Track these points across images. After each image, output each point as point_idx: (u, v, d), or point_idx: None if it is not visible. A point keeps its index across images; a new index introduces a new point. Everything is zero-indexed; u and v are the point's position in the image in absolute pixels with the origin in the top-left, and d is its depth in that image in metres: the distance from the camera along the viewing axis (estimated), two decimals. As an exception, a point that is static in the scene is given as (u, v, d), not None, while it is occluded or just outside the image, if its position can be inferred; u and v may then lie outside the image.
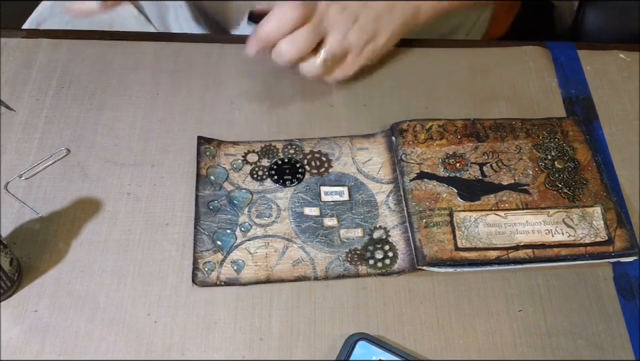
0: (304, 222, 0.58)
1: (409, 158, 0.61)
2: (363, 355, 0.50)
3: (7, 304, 0.52)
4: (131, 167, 0.61)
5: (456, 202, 0.58)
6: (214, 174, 0.60)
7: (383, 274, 0.55)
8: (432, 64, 0.70)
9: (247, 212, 0.58)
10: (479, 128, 0.63)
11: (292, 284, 0.54)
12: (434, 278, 0.55)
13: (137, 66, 0.68)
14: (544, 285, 0.55)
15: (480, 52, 0.71)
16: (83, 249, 0.55)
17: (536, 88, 0.68)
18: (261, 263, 0.55)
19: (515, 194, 0.59)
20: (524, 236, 0.56)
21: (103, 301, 0.53)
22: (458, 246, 0.55)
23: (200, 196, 0.58)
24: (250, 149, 0.62)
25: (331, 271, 0.55)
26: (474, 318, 0.53)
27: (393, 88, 0.68)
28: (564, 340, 0.52)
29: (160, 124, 0.64)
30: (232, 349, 0.51)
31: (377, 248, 0.56)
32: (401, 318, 0.53)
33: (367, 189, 0.60)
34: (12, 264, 0.52)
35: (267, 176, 0.60)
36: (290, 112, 0.65)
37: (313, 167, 0.61)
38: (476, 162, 0.61)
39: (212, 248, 0.56)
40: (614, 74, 0.70)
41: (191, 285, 0.54)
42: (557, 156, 0.61)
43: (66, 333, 0.51)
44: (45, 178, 0.59)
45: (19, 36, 0.70)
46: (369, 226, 0.58)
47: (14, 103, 0.64)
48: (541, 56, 0.71)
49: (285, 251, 0.56)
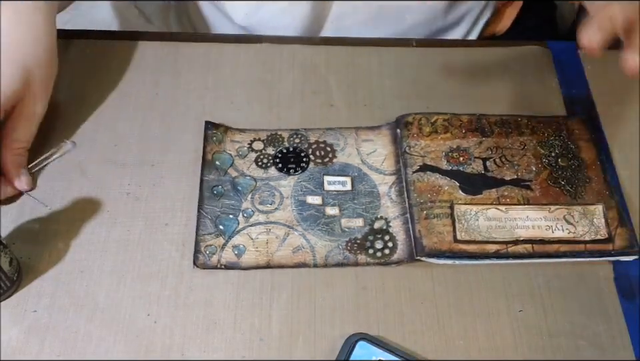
0: (306, 210, 0.58)
1: (412, 151, 0.61)
2: (363, 355, 0.49)
3: (7, 304, 0.52)
4: (131, 167, 0.61)
5: (457, 195, 0.58)
6: (219, 159, 0.61)
7: (381, 264, 0.55)
8: (432, 64, 0.70)
9: (250, 198, 0.59)
10: (484, 123, 0.63)
11: (293, 283, 0.54)
12: (434, 278, 0.55)
13: (137, 66, 0.68)
14: (544, 285, 0.55)
15: (480, 52, 0.71)
16: (82, 249, 0.55)
17: (536, 88, 0.68)
18: (261, 249, 0.56)
19: (517, 190, 0.59)
20: (524, 231, 0.56)
21: (102, 301, 0.53)
22: (457, 238, 0.56)
23: (205, 180, 0.59)
24: (256, 137, 0.63)
25: (330, 259, 0.55)
26: (474, 318, 0.53)
27: (393, 88, 0.68)
28: (564, 340, 0.52)
29: (160, 124, 0.64)
30: (232, 349, 0.51)
31: (377, 238, 0.57)
32: (401, 318, 0.53)
33: (370, 180, 0.60)
34: (12, 264, 0.52)
35: (271, 164, 0.61)
36: (290, 112, 0.65)
37: (318, 157, 0.62)
38: (479, 157, 0.61)
39: (214, 232, 0.56)
40: (614, 74, 0.69)
41: (191, 285, 0.54)
42: (561, 154, 0.61)
43: (65, 333, 0.51)
44: (45, 178, 0.59)
45: (18, 37, 0.70)
46: (370, 216, 0.58)
47: (14, 103, 0.64)
48: (541, 56, 0.71)
49: (285, 238, 0.56)
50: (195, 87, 0.67)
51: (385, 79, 0.68)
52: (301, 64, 0.69)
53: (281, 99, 0.66)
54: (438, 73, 0.69)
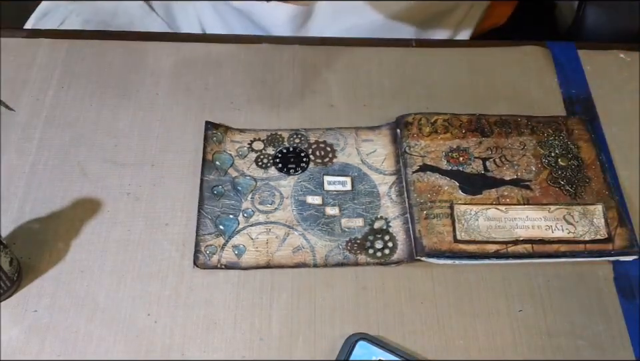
0: (306, 210, 0.58)
1: (412, 151, 0.61)
2: (363, 355, 0.50)
3: (7, 304, 0.52)
4: (131, 167, 0.61)
5: (457, 195, 0.58)
6: (219, 159, 0.61)
7: (381, 264, 0.55)
8: (432, 64, 0.70)
9: (250, 198, 0.59)
10: (484, 123, 0.63)
11: (293, 283, 0.54)
12: (434, 278, 0.55)
13: (137, 66, 0.68)
14: (544, 285, 0.55)
15: (480, 52, 0.71)
16: (82, 249, 0.55)
17: (536, 88, 0.68)
18: (261, 249, 0.56)
19: (517, 190, 0.59)
20: (524, 231, 0.56)
21: (102, 301, 0.53)
22: (457, 238, 0.56)
23: (205, 180, 0.59)
24: (256, 137, 0.63)
25: (330, 259, 0.55)
26: (474, 318, 0.53)
27: (393, 88, 0.68)
28: (564, 340, 0.52)
29: (160, 124, 0.64)
30: (232, 349, 0.51)
31: (377, 237, 0.57)
32: (401, 318, 0.53)
33: (370, 180, 0.60)
34: (12, 264, 0.52)
35: (271, 164, 0.61)
36: (290, 112, 0.65)
37: (318, 157, 0.62)
38: (479, 157, 0.61)
39: (214, 232, 0.56)
40: (614, 74, 0.70)
41: (191, 285, 0.54)
42: (561, 154, 0.61)
43: (66, 333, 0.51)
44: (45, 178, 0.59)
45: (19, 36, 0.70)
46: (370, 216, 0.58)
47: (14, 103, 0.64)
48: (541, 56, 0.71)
49: (285, 238, 0.57)
50: (194, 87, 0.67)
51: (385, 79, 0.68)
52: (300, 64, 0.69)
53: (281, 99, 0.66)
54: (438, 73, 0.69)
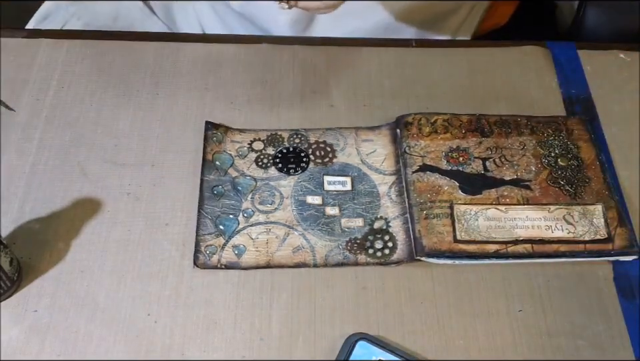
0: (306, 210, 0.58)
1: (412, 151, 0.61)
2: (363, 355, 0.50)
3: (7, 304, 0.52)
4: (131, 167, 0.61)
5: (457, 195, 0.58)
6: (219, 159, 0.61)
7: (381, 264, 0.55)
8: (432, 64, 0.70)
9: (250, 198, 0.59)
10: (484, 123, 0.63)
11: (293, 283, 0.54)
12: (434, 278, 0.55)
13: (137, 66, 0.68)
14: (544, 285, 0.55)
15: (480, 52, 0.71)
16: (82, 249, 0.55)
17: (536, 88, 0.68)
18: (261, 249, 0.56)
19: (517, 190, 0.59)
20: (523, 231, 0.56)
21: (102, 301, 0.53)
22: (457, 238, 0.56)
23: (205, 180, 0.59)
24: (256, 137, 0.63)
25: (330, 259, 0.55)
26: (474, 318, 0.53)
27: (393, 88, 0.68)
28: (564, 340, 0.52)
29: (160, 124, 0.64)
30: (232, 349, 0.51)
31: (376, 237, 0.57)
32: (400, 318, 0.53)
33: (370, 180, 0.60)
34: (12, 264, 0.52)
35: (271, 164, 0.61)
36: (290, 112, 0.65)
37: (318, 157, 0.62)
38: (479, 157, 0.61)
39: (214, 232, 0.57)
40: (614, 74, 0.70)
41: (191, 285, 0.54)
42: (561, 154, 0.61)
43: (66, 333, 0.51)
44: (45, 178, 0.59)
45: (19, 36, 0.70)
46: (370, 216, 0.58)
47: (14, 103, 0.64)
48: (541, 56, 0.71)
49: (285, 238, 0.57)
50: (194, 87, 0.67)
51: (385, 79, 0.68)
52: (300, 64, 0.69)
53: (281, 99, 0.66)
54: (438, 73, 0.69)
